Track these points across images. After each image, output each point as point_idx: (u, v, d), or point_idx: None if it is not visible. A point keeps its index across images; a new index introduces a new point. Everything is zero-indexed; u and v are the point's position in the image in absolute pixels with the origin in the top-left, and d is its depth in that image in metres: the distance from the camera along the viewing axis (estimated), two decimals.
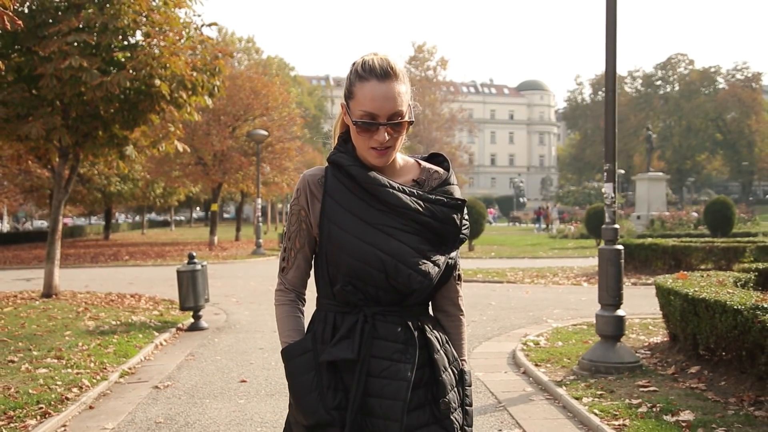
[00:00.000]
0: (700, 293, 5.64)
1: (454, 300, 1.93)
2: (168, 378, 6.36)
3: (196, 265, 8.75)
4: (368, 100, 1.73)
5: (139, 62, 9.95)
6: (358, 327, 1.74)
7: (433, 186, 1.86)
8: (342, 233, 1.75)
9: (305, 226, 1.84)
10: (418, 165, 1.91)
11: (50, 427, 4.79)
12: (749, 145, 71.87)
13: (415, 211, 1.76)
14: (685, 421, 4.43)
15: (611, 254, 6.02)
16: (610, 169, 6.21)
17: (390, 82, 1.74)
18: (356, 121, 1.75)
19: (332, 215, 1.77)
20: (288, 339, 1.84)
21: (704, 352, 5.79)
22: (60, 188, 11.17)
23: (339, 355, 1.73)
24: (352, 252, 1.73)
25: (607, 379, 5.67)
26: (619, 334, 5.99)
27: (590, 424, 4.62)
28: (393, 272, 1.72)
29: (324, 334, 1.80)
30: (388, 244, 1.73)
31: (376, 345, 1.74)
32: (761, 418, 4.43)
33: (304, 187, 1.83)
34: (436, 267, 1.76)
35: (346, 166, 1.79)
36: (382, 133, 1.73)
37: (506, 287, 13.14)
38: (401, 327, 1.76)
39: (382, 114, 1.73)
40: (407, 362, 1.73)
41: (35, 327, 8.35)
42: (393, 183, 1.78)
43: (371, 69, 1.75)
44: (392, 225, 1.75)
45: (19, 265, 20.84)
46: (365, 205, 1.77)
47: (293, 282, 1.89)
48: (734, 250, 13.24)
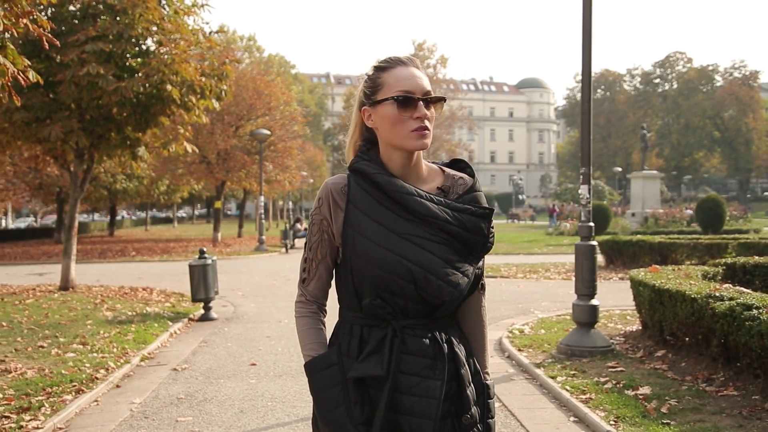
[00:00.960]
0: (665, 284, 6.27)
1: (477, 311, 1.91)
2: (184, 362, 6.99)
3: (207, 260, 9.38)
4: (402, 80, 1.74)
5: (152, 69, 10.57)
6: (387, 342, 1.71)
7: (459, 193, 1.83)
8: (369, 243, 1.71)
9: (327, 236, 1.80)
10: (441, 171, 1.87)
11: (84, 402, 5.43)
12: (747, 142, 72.42)
13: (443, 220, 1.73)
14: (642, 394, 5.07)
15: (586, 249, 6.66)
16: (586, 172, 6.80)
17: (415, 66, 1.78)
18: (396, 96, 1.73)
19: (357, 225, 1.73)
20: (311, 352, 1.80)
21: (669, 338, 6.42)
22: (76, 187, 11.79)
23: (368, 371, 1.69)
24: (379, 263, 1.69)
25: (581, 361, 6.31)
26: (593, 321, 6.62)
27: (561, 398, 5.26)
28: (423, 283, 1.68)
29: (350, 347, 1.76)
30: (417, 254, 1.69)
31: (404, 360, 1.71)
32: (710, 392, 5.06)
33: (327, 196, 1.79)
34: (466, 277, 1.74)
35: (372, 174, 1.75)
36: (422, 108, 1.72)
37: (499, 282, 13.77)
38: (430, 341, 1.73)
39: (417, 91, 1.73)
40: (437, 378, 1.70)
41: (58, 317, 8.99)
42: (420, 191, 1.75)
43: (394, 59, 1.79)
44: (420, 235, 1.72)
45: (29, 260, 21.46)
46: (391, 214, 1.73)
47: (314, 293, 1.85)
48: (717, 247, 13.85)
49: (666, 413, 4.65)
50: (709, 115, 74.00)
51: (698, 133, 75.01)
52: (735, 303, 5.08)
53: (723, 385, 5.16)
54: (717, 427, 4.29)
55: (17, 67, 5.37)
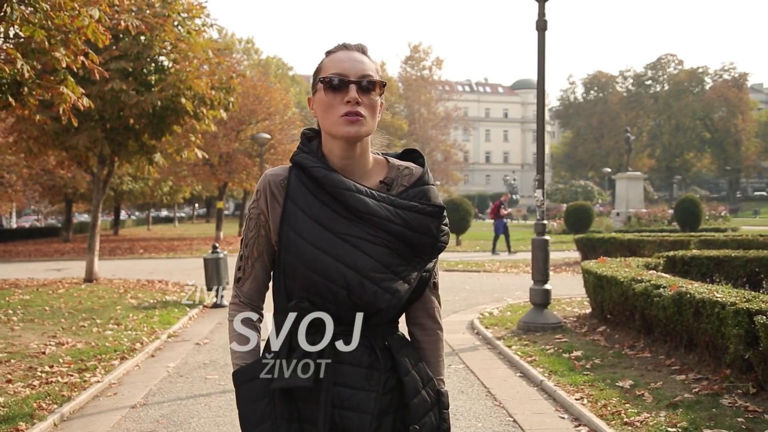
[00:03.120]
0: (605, 272, 7.59)
1: (430, 312, 1.77)
2: (205, 338, 8.30)
3: (219, 254, 10.69)
4: (336, 62, 1.63)
5: (168, 84, 11.87)
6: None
7: (405, 185, 1.69)
8: (301, 242, 1.58)
9: (264, 232, 1.67)
10: (386, 162, 1.74)
11: (129, 365, 6.73)
12: (736, 143, 73.89)
13: (384, 218, 1.59)
14: (575, 356, 6.40)
15: (540, 243, 8.00)
16: (540, 179, 8.10)
17: (359, 51, 1.67)
18: (324, 78, 1.62)
19: (293, 222, 1.61)
20: (239, 361, 1.66)
21: (609, 316, 7.73)
22: (98, 189, 13.09)
23: (294, 382, 1.55)
24: (310, 264, 1.56)
25: (535, 335, 7.63)
26: (546, 302, 7.95)
27: (512, 360, 6.58)
28: (357, 289, 1.56)
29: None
30: (353, 256, 1.57)
31: (337, 371, 1.58)
32: (630, 355, 6.38)
33: (265, 189, 1.67)
34: (406, 284, 1.61)
35: (310, 167, 1.62)
36: (353, 90, 1.59)
37: (482, 275, 15.09)
38: (365, 349, 1.61)
39: (351, 74, 1.61)
40: (371, 390, 1.59)
41: (90, 304, 10.29)
42: (360, 186, 1.62)
43: (340, 44, 1.70)
44: (358, 235, 1.59)
45: (43, 257, 22.73)
46: (329, 211, 1.61)
47: (249, 294, 1.71)
48: (681, 243, 15.14)
49: (589, 368, 5.97)
50: (699, 116, 75.44)
51: (689, 133, 76.46)
52: (649, 284, 6.41)
53: (641, 350, 6.49)
54: (622, 375, 5.62)
55: (75, 95, 6.67)
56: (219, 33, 54.29)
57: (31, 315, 9.21)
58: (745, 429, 4.14)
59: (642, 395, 5.01)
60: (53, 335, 7.94)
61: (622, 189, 32.69)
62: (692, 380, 5.31)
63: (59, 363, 6.59)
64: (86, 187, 26.90)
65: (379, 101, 1.65)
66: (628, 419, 4.52)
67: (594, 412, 4.76)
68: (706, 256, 9.35)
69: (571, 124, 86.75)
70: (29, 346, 7.31)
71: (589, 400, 5.06)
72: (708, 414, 4.44)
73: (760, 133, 76.99)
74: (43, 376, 6.11)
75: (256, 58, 62.85)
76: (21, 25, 5.47)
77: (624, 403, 4.86)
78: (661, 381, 5.37)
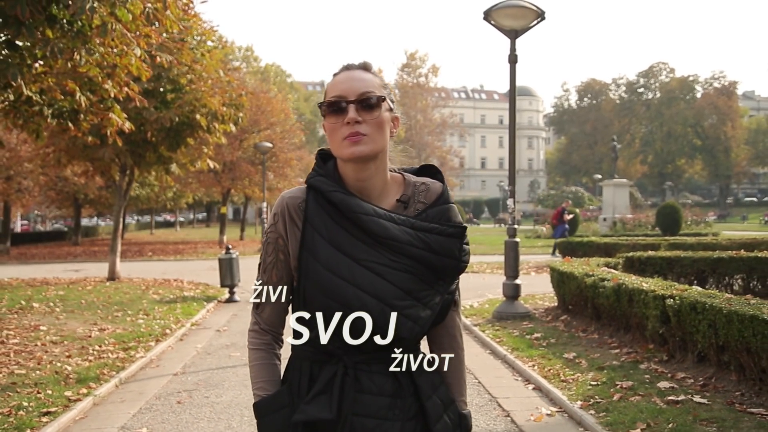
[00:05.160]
0: (565, 269, 8.92)
1: (451, 332, 1.71)
2: (223, 326, 9.61)
3: (232, 255, 12.00)
4: (337, 84, 1.60)
5: (185, 102, 13.20)
6: (337, 380, 1.52)
7: (424, 201, 1.63)
8: (320, 269, 1.53)
9: (283, 257, 1.62)
10: (403, 179, 1.68)
11: (163, 346, 8.03)
12: (726, 150, 75.40)
13: (406, 243, 1.54)
14: (535, 338, 7.73)
15: (512, 245, 9.36)
16: (512, 189, 9.42)
17: (361, 70, 1.63)
18: (323, 103, 1.60)
19: (311, 247, 1.55)
20: (261, 392, 1.62)
21: (570, 307, 9.07)
22: (120, 197, 14.41)
23: (315, 414, 1.51)
24: (330, 293, 1.51)
25: (506, 322, 8.96)
26: (517, 295, 9.29)
27: (485, 342, 7.91)
28: (379, 318, 1.49)
29: (300, 387, 1.58)
30: (374, 284, 1.51)
31: (359, 401, 1.52)
32: (581, 337, 7.70)
33: (283, 212, 1.61)
34: (429, 309, 1.55)
35: (327, 191, 1.57)
36: (351, 110, 1.54)
37: (469, 276, 16.42)
38: (387, 377, 1.54)
39: (349, 94, 1.56)
40: (396, 419, 1.54)
41: (118, 298, 11.60)
42: (379, 210, 1.57)
43: (344, 66, 1.66)
44: (379, 261, 1.53)
45: (57, 259, 24.00)
46: (349, 236, 1.55)
47: (270, 321, 1.67)
48: (653, 246, 16.48)
49: (544, 346, 7.31)
50: (690, 123, 76.93)
51: (680, 140, 77.92)
52: (596, 278, 7.75)
53: (591, 333, 7.81)
54: (570, 350, 6.95)
55: (120, 120, 8.00)
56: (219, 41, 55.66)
57: (70, 307, 10.52)
58: (648, 381, 5.47)
59: (580, 363, 6.35)
60: (94, 323, 9.25)
61: (608, 195, 34.05)
62: (624, 353, 6.64)
63: (105, 344, 7.89)
64: (96, 193, 28.21)
65: (386, 117, 1.61)
66: (564, 378, 5.85)
67: (540, 374, 6.10)
68: (660, 256, 10.71)
69: (565, 131, 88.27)
70: (76, 331, 8.62)
71: (539, 366, 6.40)
72: (624, 373, 5.78)
73: (750, 140, 78.59)
74: (95, 353, 7.42)
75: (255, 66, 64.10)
76: (85, 66, 6.77)
77: (564, 368, 6.19)
78: (599, 353, 6.71)
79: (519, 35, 9.43)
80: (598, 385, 5.54)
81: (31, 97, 7.50)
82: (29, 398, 5.47)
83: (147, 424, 5.09)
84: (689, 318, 5.68)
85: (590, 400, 5.14)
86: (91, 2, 6.08)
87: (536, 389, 5.83)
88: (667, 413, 4.61)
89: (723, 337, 5.20)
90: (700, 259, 10.41)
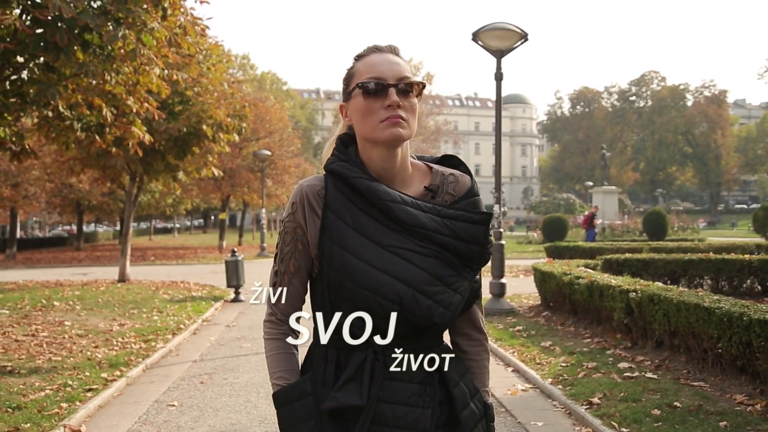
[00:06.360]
0: (547, 269, 9.75)
1: (475, 322, 1.70)
2: (232, 322, 10.40)
3: (238, 257, 12.80)
4: (372, 66, 1.57)
5: (192, 113, 14.00)
6: (367, 366, 1.50)
7: (452, 193, 1.62)
8: (348, 257, 1.50)
9: (301, 246, 1.60)
10: (428, 169, 1.67)
11: (180, 339, 8.82)
12: (716, 158, 76.47)
13: (434, 230, 1.53)
14: (517, 330, 8.55)
15: (498, 247, 10.20)
16: (497, 196, 10.25)
17: (392, 53, 1.61)
18: (361, 84, 1.56)
19: (335, 234, 1.53)
20: (280, 381, 1.60)
21: (551, 303, 9.89)
22: (130, 202, 15.19)
23: (346, 401, 1.48)
24: (360, 279, 1.48)
25: (493, 317, 9.78)
26: (502, 293, 10.12)
27: None
28: (410, 304, 1.47)
29: (326, 375, 1.56)
30: (404, 270, 1.49)
31: (388, 388, 1.50)
32: (559, 329, 8.52)
33: (302, 200, 1.58)
34: (459, 295, 1.53)
35: (351, 178, 1.54)
36: (393, 94, 1.53)
37: None
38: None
39: (389, 77, 1.55)
40: (426, 406, 1.52)
41: (131, 297, 12.38)
42: (406, 197, 1.55)
43: (371, 47, 1.64)
44: (407, 247, 1.51)
45: (62, 264, 24.72)
46: (373, 222, 1.53)
47: (287, 311, 1.64)
48: (634, 250, 17.36)
49: (525, 336, 8.13)
50: (681, 131, 77.99)
51: (671, 148, 78.97)
52: (572, 276, 8.58)
53: (568, 326, 8.64)
54: (547, 340, 7.77)
55: (141, 133, 8.81)
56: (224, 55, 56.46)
57: (88, 305, 11.30)
58: (611, 363, 6.30)
59: (554, 349, 7.18)
60: (113, 319, 10.03)
61: (598, 202, 35.01)
62: (594, 342, 7.47)
63: (126, 337, 8.68)
64: (99, 199, 28.97)
65: (417, 103, 1.60)
66: (539, 361, 6.68)
67: (519, 359, 6.92)
68: (635, 258, 11.56)
69: (559, 138, 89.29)
70: (98, 326, 9.40)
71: (518, 353, 7.22)
72: (591, 357, 6.61)
73: (741, 148, 79.73)
74: (119, 344, 8.20)
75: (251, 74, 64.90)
76: (115, 86, 7.59)
77: (540, 354, 7.02)
78: (572, 342, 7.54)
79: (504, 54, 10.27)
80: (568, 366, 6.37)
81: (62, 113, 8.30)
82: (72, 378, 6.27)
83: (177, 399, 5.89)
84: (648, 309, 6.51)
85: (559, 378, 5.97)
86: (123, 30, 6.92)
87: (515, 371, 6.66)
88: (621, 386, 5.45)
89: (674, 323, 6.04)
90: (673, 260, 11.26)
